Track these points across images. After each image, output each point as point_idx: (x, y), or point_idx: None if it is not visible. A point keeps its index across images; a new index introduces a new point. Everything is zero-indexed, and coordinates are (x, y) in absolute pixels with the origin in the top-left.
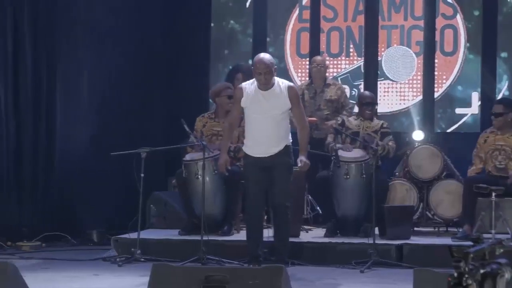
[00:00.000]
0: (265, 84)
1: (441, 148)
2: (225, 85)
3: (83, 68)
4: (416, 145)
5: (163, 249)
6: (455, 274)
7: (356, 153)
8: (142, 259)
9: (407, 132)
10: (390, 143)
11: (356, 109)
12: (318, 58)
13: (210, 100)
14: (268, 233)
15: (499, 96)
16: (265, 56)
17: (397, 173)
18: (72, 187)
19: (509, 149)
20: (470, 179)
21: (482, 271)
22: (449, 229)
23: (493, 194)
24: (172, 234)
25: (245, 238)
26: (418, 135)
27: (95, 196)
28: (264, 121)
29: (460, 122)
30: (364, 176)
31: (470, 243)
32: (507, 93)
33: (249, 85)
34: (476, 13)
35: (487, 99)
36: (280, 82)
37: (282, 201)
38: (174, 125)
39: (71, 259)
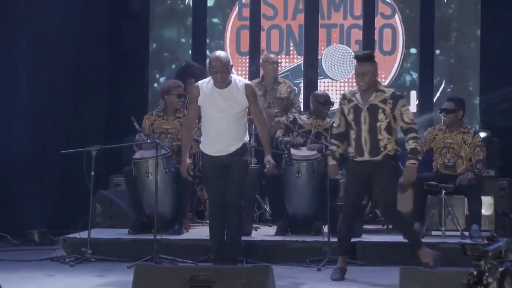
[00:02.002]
0: (222, 83)
1: None
2: (176, 83)
3: (22, 64)
4: None
5: (114, 249)
6: (475, 273)
7: (308, 151)
8: (93, 259)
9: None
10: None
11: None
12: (272, 56)
13: (156, 98)
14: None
15: (437, 95)
16: (221, 54)
17: (342, 171)
18: (12, 185)
19: (457, 147)
20: (420, 177)
21: (500, 269)
22: None
23: (443, 191)
24: (121, 233)
25: (197, 237)
26: None
27: (36, 195)
28: (221, 120)
29: None
30: (315, 174)
31: (422, 239)
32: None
33: (205, 84)
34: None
35: (425, 98)
36: (237, 80)
37: (236, 200)
38: (114, 123)
39: (18, 259)
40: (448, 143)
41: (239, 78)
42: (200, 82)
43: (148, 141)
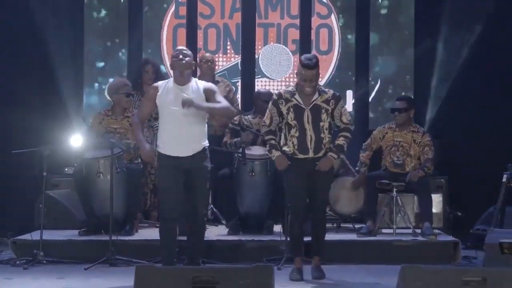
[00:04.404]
0: (185, 69)
1: None
2: (123, 82)
3: None
4: None
5: (66, 250)
6: None
7: (260, 150)
8: (44, 261)
9: None
10: None
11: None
12: (208, 55)
13: (107, 96)
14: None
15: (372, 95)
16: (183, 47)
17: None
18: None
19: (407, 146)
20: (372, 176)
21: None
22: (342, 225)
23: (394, 190)
24: (71, 235)
25: (150, 238)
26: None
27: None
28: (182, 116)
29: None
30: (269, 173)
31: (375, 237)
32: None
33: (165, 83)
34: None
35: (361, 98)
36: (198, 81)
37: (202, 209)
38: (50, 123)
39: None
40: (398, 141)
41: (199, 80)
42: (159, 82)
43: (106, 140)
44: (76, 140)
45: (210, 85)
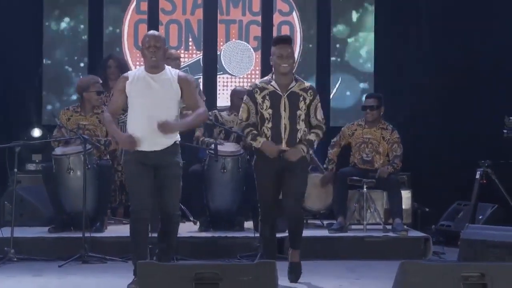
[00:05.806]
0: (156, 58)
1: None
2: (94, 80)
3: None
4: None
5: (37, 248)
6: None
7: (232, 147)
8: (15, 259)
9: None
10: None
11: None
12: (173, 51)
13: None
14: None
15: (333, 92)
16: (155, 31)
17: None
18: None
19: (376, 142)
20: (342, 172)
21: None
22: (310, 221)
23: (365, 186)
24: (40, 232)
25: (122, 235)
26: None
27: None
28: (153, 106)
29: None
30: (240, 170)
31: (346, 233)
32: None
33: (135, 71)
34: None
35: (323, 94)
36: (171, 69)
37: (175, 210)
38: (7, 119)
39: None
40: (367, 138)
41: (172, 69)
42: (129, 72)
43: (77, 136)
44: (36, 133)
45: (186, 77)
